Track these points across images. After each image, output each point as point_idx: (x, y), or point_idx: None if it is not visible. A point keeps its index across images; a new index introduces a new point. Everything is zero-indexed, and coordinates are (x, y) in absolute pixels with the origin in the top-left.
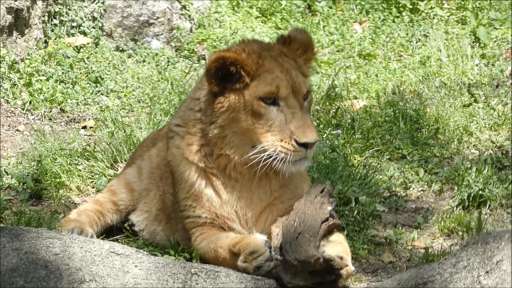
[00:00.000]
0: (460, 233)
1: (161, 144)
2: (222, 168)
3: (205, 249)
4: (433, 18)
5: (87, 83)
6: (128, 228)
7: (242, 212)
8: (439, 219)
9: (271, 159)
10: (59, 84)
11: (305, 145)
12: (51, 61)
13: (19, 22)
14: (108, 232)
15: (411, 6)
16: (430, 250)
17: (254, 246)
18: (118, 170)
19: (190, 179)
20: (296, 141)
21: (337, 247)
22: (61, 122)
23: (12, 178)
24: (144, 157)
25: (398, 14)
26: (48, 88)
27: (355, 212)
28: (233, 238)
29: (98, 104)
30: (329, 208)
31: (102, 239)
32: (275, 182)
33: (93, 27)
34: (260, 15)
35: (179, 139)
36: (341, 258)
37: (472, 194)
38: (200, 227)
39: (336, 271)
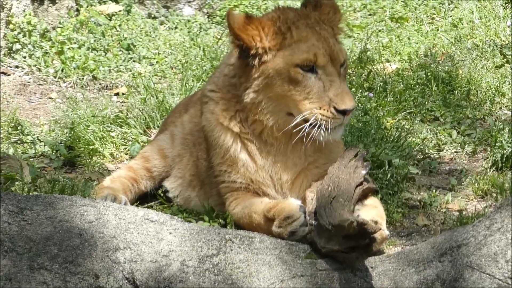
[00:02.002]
0: (494, 194)
1: (194, 110)
2: (258, 134)
3: (239, 214)
4: None
5: (119, 51)
6: (162, 194)
7: (276, 177)
8: (473, 181)
9: (311, 127)
10: (91, 51)
11: (344, 112)
12: (82, 29)
13: None
14: (142, 199)
15: None
16: (464, 213)
17: (289, 211)
18: (151, 136)
19: (225, 144)
20: (335, 108)
21: (371, 211)
22: (93, 89)
23: (45, 145)
24: (177, 123)
25: None
26: (80, 56)
27: (389, 175)
28: (268, 203)
29: (130, 71)
30: (363, 172)
31: (136, 206)
32: (310, 147)
33: None
34: None
35: (214, 104)
36: (376, 222)
37: (505, 155)
38: (234, 192)
39: (370, 235)
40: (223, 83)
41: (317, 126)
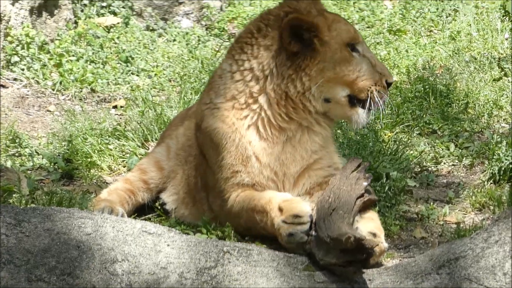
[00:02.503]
0: (492, 207)
1: (188, 123)
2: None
3: (240, 204)
4: None
5: (118, 63)
6: (159, 207)
7: (283, 169)
8: (470, 194)
9: (368, 104)
10: (89, 64)
11: (389, 86)
12: (81, 41)
13: (48, 3)
14: (140, 211)
15: None
16: (461, 225)
17: (301, 211)
18: (149, 149)
19: (241, 144)
20: (386, 81)
21: (369, 224)
22: (91, 102)
23: (43, 158)
24: (172, 136)
25: None
26: (78, 69)
27: (386, 187)
28: (282, 195)
29: (128, 83)
30: (365, 183)
31: (134, 218)
32: (316, 142)
33: (123, 7)
34: None
35: (226, 112)
36: (374, 234)
37: (503, 168)
38: (239, 189)
39: (367, 250)
40: (234, 91)
41: (373, 103)
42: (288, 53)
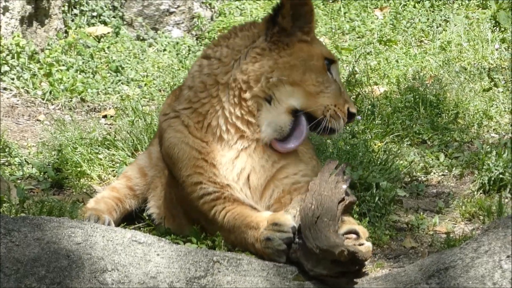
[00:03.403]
0: (481, 217)
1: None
2: (225, 132)
3: (231, 221)
4: (454, 2)
5: (108, 73)
6: (147, 217)
7: (244, 182)
8: (460, 204)
9: (316, 121)
10: (80, 73)
11: (351, 116)
12: (71, 51)
13: (39, 12)
14: (130, 220)
15: None
16: (451, 235)
17: (283, 221)
18: None
19: (192, 152)
20: (348, 109)
21: (354, 227)
22: (81, 111)
23: (33, 167)
24: (153, 142)
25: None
26: (68, 78)
27: (376, 197)
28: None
29: (118, 93)
30: (344, 186)
31: (123, 227)
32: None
33: (114, 17)
34: None
35: (186, 119)
36: (358, 234)
37: (493, 178)
38: (217, 202)
39: (360, 262)
40: (199, 84)
41: (324, 122)
42: (270, 34)
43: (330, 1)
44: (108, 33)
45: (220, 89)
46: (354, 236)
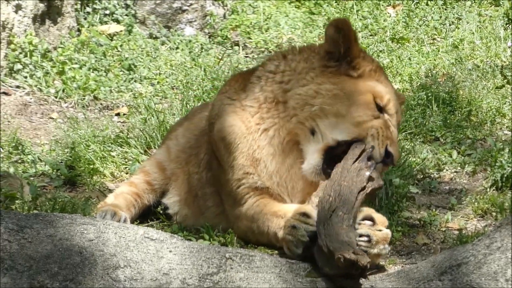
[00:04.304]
0: (494, 214)
1: (187, 123)
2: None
3: (260, 205)
4: (466, 0)
5: (120, 71)
6: (161, 212)
7: (291, 185)
8: (473, 200)
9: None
10: (92, 72)
11: (387, 156)
12: (84, 49)
13: (51, 11)
14: (142, 217)
15: None
16: (464, 232)
17: (309, 210)
18: None
19: (252, 145)
20: (386, 147)
21: (369, 213)
22: (94, 109)
23: (45, 165)
24: (172, 137)
25: None
26: (81, 76)
27: (389, 194)
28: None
29: (131, 91)
30: (367, 173)
31: (137, 224)
32: None
33: (126, 15)
34: (293, 0)
35: (246, 114)
36: (373, 221)
37: (505, 175)
38: (254, 193)
39: (360, 267)
40: (263, 91)
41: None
42: (320, 62)
43: None
44: (121, 31)
45: (279, 107)
46: (369, 222)
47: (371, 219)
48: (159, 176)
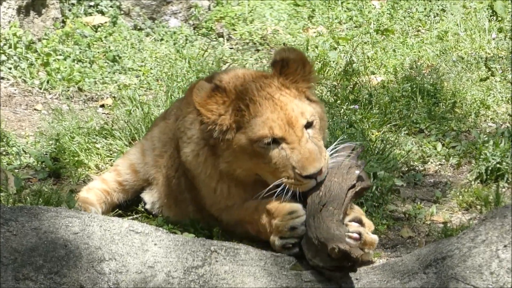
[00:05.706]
0: (479, 207)
1: (163, 124)
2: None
3: (243, 210)
4: None
5: (105, 62)
6: (143, 209)
7: None
8: (457, 193)
9: (285, 190)
10: (77, 63)
11: (310, 176)
12: (68, 40)
13: (36, 2)
14: (125, 209)
15: None
16: (448, 225)
17: (293, 208)
18: None
19: (212, 181)
20: (299, 174)
21: (358, 215)
22: (78, 101)
23: (30, 157)
24: (147, 137)
25: None
26: (65, 68)
27: (374, 187)
28: (271, 202)
29: (116, 82)
30: (357, 172)
31: (121, 217)
32: None
33: (111, 6)
34: None
35: (198, 148)
36: (361, 223)
37: (490, 168)
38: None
39: (353, 259)
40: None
41: (288, 191)
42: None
43: None
44: (106, 22)
45: None
46: (357, 224)
47: (359, 221)
48: (131, 177)
